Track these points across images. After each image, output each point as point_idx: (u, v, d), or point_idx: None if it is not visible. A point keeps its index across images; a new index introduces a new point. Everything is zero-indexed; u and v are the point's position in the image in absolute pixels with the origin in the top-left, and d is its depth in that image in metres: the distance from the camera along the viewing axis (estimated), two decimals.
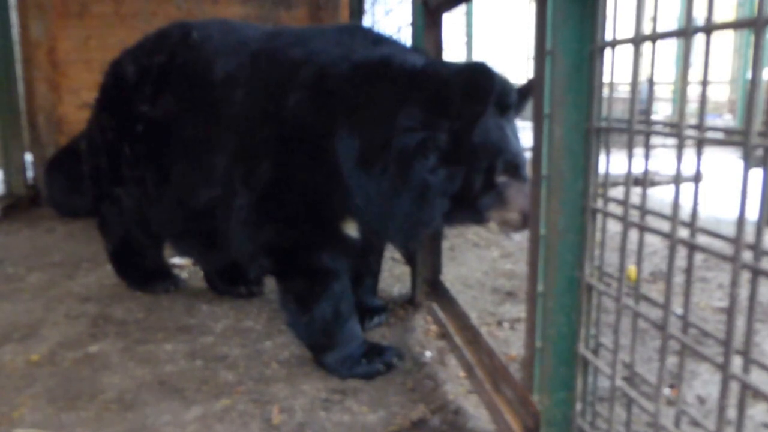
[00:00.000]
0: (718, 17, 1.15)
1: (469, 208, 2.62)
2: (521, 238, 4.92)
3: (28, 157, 7.00)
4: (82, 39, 6.90)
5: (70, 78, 6.91)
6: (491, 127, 2.55)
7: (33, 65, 6.82)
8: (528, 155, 2.16)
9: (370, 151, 2.56)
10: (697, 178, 1.19)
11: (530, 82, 2.41)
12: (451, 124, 2.49)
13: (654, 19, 1.33)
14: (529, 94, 2.55)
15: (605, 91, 1.55)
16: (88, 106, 3.94)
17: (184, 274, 4.33)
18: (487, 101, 2.47)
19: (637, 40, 1.34)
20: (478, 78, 2.41)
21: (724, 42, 13.06)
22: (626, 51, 1.44)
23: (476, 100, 2.46)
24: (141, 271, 4.06)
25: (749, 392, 1.11)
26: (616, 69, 1.51)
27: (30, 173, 7.01)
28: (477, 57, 10.86)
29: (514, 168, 2.60)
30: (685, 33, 1.18)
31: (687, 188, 1.20)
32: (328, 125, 2.65)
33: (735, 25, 1.13)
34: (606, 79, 1.53)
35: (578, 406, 1.69)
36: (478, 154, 2.53)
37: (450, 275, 4.12)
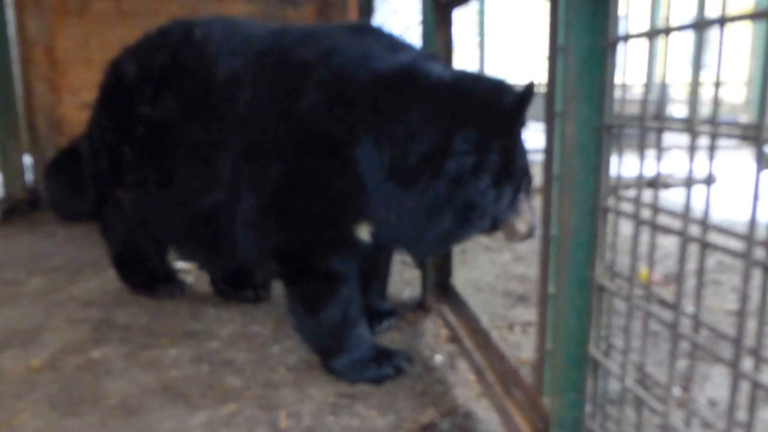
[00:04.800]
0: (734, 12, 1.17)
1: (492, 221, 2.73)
2: (534, 239, 4.93)
3: (27, 160, 6.98)
4: (81, 37, 6.89)
5: (69, 78, 6.91)
6: (522, 147, 2.70)
7: (31, 65, 6.80)
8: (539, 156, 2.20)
9: (406, 167, 2.58)
10: (710, 175, 1.22)
11: (530, 85, 2.47)
12: (502, 145, 2.56)
13: (667, 14, 1.36)
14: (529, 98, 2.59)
15: (618, 89, 1.57)
16: (89, 107, 3.95)
17: (189, 278, 4.36)
18: (525, 120, 2.58)
19: (651, 34, 1.37)
20: (527, 99, 2.48)
21: (740, 42, 13.00)
22: (639, 47, 1.46)
23: (521, 120, 2.57)
24: (145, 275, 4.08)
25: (760, 393, 1.13)
26: (629, 66, 1.54)
27: (29, 176, 6.99)
28: (489, 56, 10.88)
29: (528, 182, 2.76)
30: (699, 26, 1.20)
31: (700, 189, 1.23)
32: (348, 133, 2.66)
33: (749, 17, 1.15)
34: (619, 75, 1.56)
35: (588, 408, 1.72)
36: (519, 173, 2.66)
37: (461, 279, 4.14)
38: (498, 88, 2.59)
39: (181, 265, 4.48)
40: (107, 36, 6.84)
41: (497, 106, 2.53)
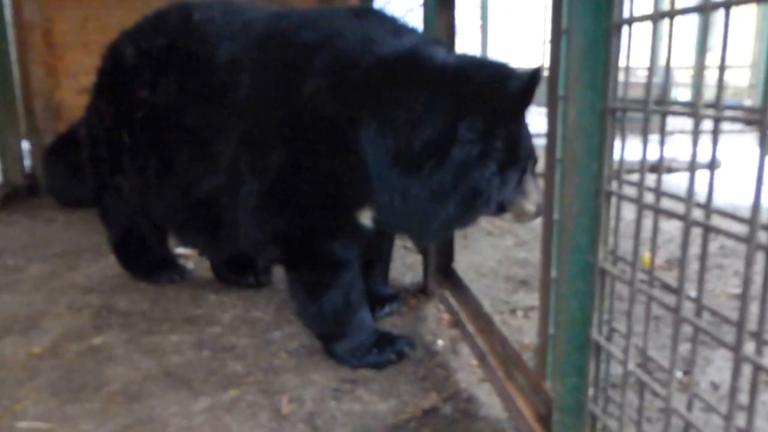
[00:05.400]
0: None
1: (498, 205, 2.74)
2: (536, 224, 4.95)
3: (25, 145, 6.99)
4: (79, 20, 6.88)
5: (67, 61, 6.91)
6: (527, 129, 2.70)
7: (28, 48, 6.79)
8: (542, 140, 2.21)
9: (410, 153, 2.58)
10: (713, 160, 1.22)
11: (537, 70, 2.46)
12: (507, 131, 2.57)
13: None
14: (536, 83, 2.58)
15: (622, 72, 1.57)
16: (87, 91, 3.95)
17: (189, 264, 4.37)
18: (530, 105, 2.58)
19: (655, 17, 1.37)
20: (533, 84, 2.48)
21: (745, 26, 12.94)
22: (644, 30, 1.47)
23: (527, 105, 2.57)
24: (145, 261, 4.09)
25: (762, 376, 1.15)
26: (634, 50, 1.54)
27: (27, 162, 7.00)
28: (492, 39, 10.86)
29: (534, 164, 2.76)
30: (704, 8, 1.20)
31: (703, 173, 1.23)
32: (351, 118, 2.66)
33: (754, 0, 1.15)
34: (623, 59, 1.56)
35: (591, 392, 1.73)
36: (524, 157, 2.67)
37: (463, 263, 4.15)
38: (504, 73, 2.58)
39: (181, 250, 4.50)
40: (105, 19, 6.83)
41: (503, 93, 2.52)
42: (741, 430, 1.23)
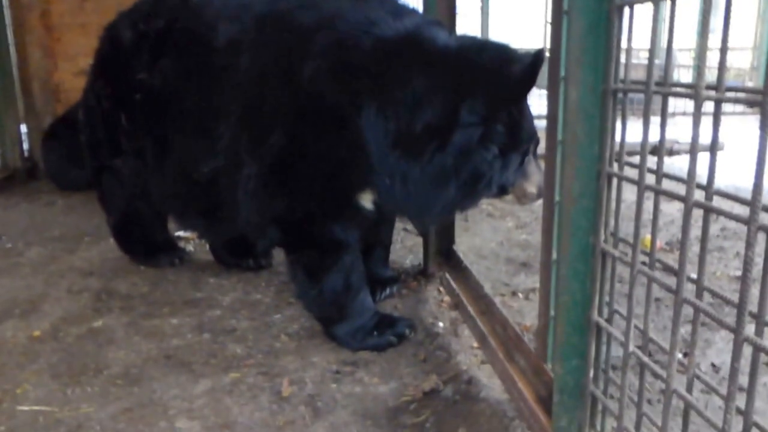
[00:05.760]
0: None
1: (500, 187, 2.75)
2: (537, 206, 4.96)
3: (23, 128, 6.96)
4: (77, 1, 6.84)
5: (65, 43, 6.88)
6: (528, 111, 2.70)
7: (25, 30, 6.75)
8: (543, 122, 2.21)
9: (411, 137, 2.58)
10: (714, 142, 1.22)
11: (539, 53, 2.45)
12: (509, 114, 2.56)
13: None
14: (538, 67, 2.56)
15: (623, 54, 1.57)
16: (86, 73, 3.94)
17: (189, 247, 4.39)
18: (532, 88, 2.57)
19: None
20: (535, 68, 2.46)
21: (748, 7, 12.88)
22: (645, 11, 1.46)
23: (530, 89, 2.55)
24: (145, 244, 4.10)
25: (762, 358, 1.15)
26: (635, 31, 1.53)
27: (26, 145, 6.97)
28: (493, 20, 10.81)
29: (535, 146, 2.77)
30: None
31: (705, 155, 1.23)
32: (351, 100, 2.65)
33: None
34: (624, 40, 1.56)
35: (591, 374, 1.74)
36: (525, 140, 2.67)
37: (464, 246, 4.16)
38: (506, 56, 2.57)
39: (181, 233, 4.50)
40: (103, 0, 6.77)
41: (505, 77, 2.51)
42: (741, 411, 1.24)
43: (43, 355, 2.90)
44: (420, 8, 3.51)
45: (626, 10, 1.52)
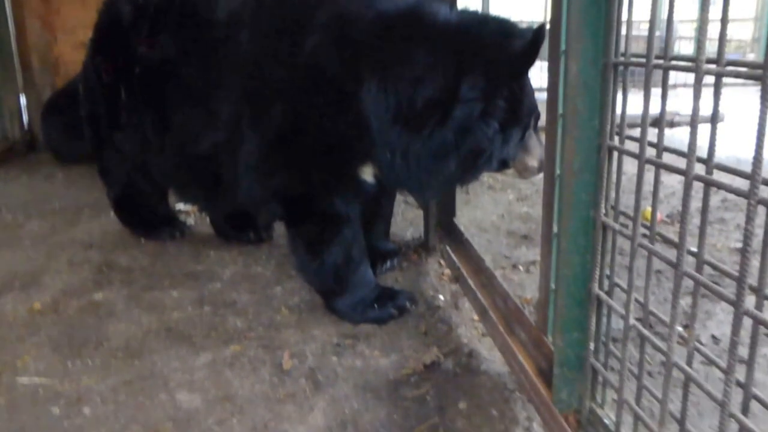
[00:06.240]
0: None
1: (501, 162, 2.75)
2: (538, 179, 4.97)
3: (23, 101, 6.94)
4: None
5: (63, 16, 6.83)
6: (529, 86, 2.69)
7: (23, 2, 6.70)
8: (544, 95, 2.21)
9: (412, 111, 2.57)
10: (715, 115, 1.22)
11: (540, 28, 2.44)
12: (510, 89, 2.55)
13: None
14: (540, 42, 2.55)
15: (624, 26, 1.57)
16: (85, 46, 3.93)
17: (190, 221, 4.39)
18: (533, 64, 2.55)
19: None
20: (537, 44, 2.44)
21: None
22: None
23: (531, 65, 2.53)
24: (145, 217, 4.11)
25: (762, 330, 1.16)
26: (636, 3, 1.53)
27: (25, 117, 6.96)
28: None
29: (536, 120, 2.76)
30: None
31: (705, 127, 1.23)
32: (352, 74, 2.64)
33: None
34: (625, 12, 1.55)
35: (592, 346, 1.75)
36: (526, 115, 2.66)
37: (464, 218, 4.17)
38: (507, 31, 2.56)
39: (181, 206, 4.51)
40: None
41: (506, 52, 2.50)
42: (741, 383, 1.25)
43: (44, 328, 2.92)
44: None
45: None
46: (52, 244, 4.01)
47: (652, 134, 1.38)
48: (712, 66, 1.20)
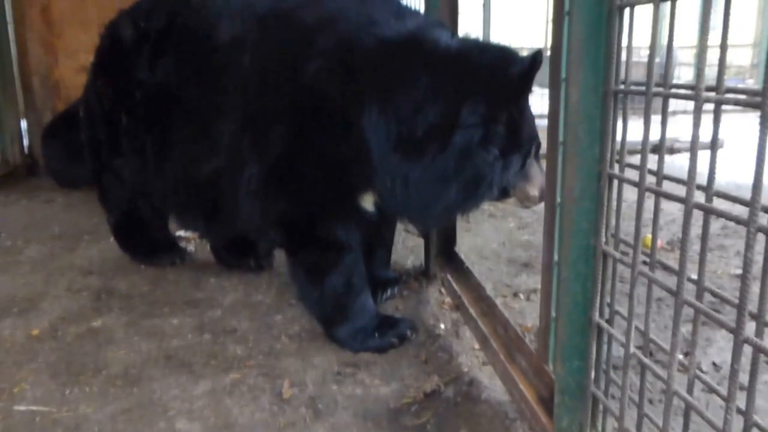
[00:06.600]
0: None
1: (502, 190, 2.75)
2: (539, 207, 4.97)
3: (24, 124, 6.97)
4: None
5: (65, 39, 6.87)
6: (529, 113, 2.70)
7: (26, 25, 6.73)
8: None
9: (413, 138, 2.59)
10: (715, 142, 1.23)
11: (537, 54, 2.46)
12: (509, 115, 2.57)
13: None
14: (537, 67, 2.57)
15: (624, 53, 1.58)
16: (87, 70, 3.95)
17: (190, 247, 4.40)
18: (531, 89, 2.58)
19: None
20: (534, 68, 2.48)
21: (747, 4, 12.90)
22: (646, 11, 1.47)
23: (529, 89, 2.57)
24: (145, 243, 4.11)
25: (762, 357, 1.16)
26: (636, 31, 1.55)
27: (26, 141, 6.98)
28: (495, 20, 10.84)
29: (537, 148, 2.77)
30: None
31: (705, 153, 1.24)
32: (353, 101, 2.66)
33: None
34: (625, 41, 1.57)
35: (592, 374, 1.75)
36: (526, 141, 2.67)
37: (465, 246, 4.17)
38: (505, 57, 2.59)
39: (182, 233, 4.51)
40: None
41: (504, 77, 2.52)
42: (741, 410, 1.25)
43: (42, 354, 2.91)
44: (422, 7, 3.52)
45: (626, 11, 1.53)
46: (51, 269, 4.01)
47: (652, 161, 1.39)
48: (712, 94, 1.21)
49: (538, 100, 2.95)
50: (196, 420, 2.42)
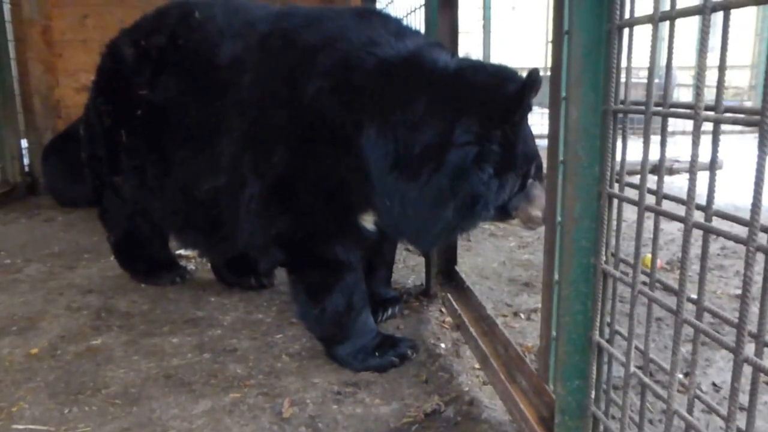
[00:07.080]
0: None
1: (501, 210, 2.75)
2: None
3: (24, 143, 6.99)
4: (78, 18, 6.90)
5: (66, 59, 6.93)
6: (528, 133, 2.71)
7: (26, 45, 6.80)
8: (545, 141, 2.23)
9: (410, 158, 2.60)
10: (714, 162, 1.24)
11: (533, 73, 2.47)
12: (504, 134, 2.57)
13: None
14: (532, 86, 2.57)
15: (623, 73, 1.59)
16: (87, 89, 3.98)
17: (190, 266, 4.40)
18: (529, 108, 2.58)
19: (656, 19, 1.39)
20: (529, 86, 2.48)
21: (745, 26, 12.95)
22: (645, 31, 1.49)
23: (525, 108, 2.56)
24: (145, 262, 4.12)
25: (762, 377, 1.17)
26: (635, 51, 1.56)
27: (26, 160, 7.01)
28: (494, 39, 10.89)
29: (538, 169, 2.76)
30: (703, 10, 1.22)
31: (704, 174, 1.25)
32: (353, 120, 2.68)
33: (754, 2, 1.17)
34: (624, 60, 1.58)
35: (593, 394, 1.75)
36: (522, 161, 2.67)
37: (466, 266, 4.18)
38: (501, 76, 2.61)
39: (182, 251, 4.52)
40: (105, 16, 6.84)
41: (499, 95, 2.53)
42: (741, 431, 1.25)
43: (41, 373, 2.91)
44: (422, 27, 3.54)
45: (626, 30, 1.54)
46: (50, 288, 4.01)
47: (651, 181, 1.40)
48: (711, 113, 1.22)
49: (538, 120, 2.95)
50: None
